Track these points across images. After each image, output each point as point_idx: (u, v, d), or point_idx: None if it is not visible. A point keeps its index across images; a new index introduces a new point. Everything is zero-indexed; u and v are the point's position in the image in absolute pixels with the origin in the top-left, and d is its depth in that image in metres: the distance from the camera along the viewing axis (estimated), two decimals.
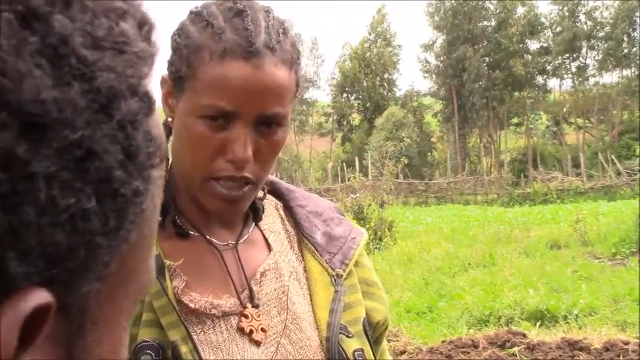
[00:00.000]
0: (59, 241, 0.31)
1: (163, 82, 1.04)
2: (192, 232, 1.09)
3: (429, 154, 47.41)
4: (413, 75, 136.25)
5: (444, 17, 47.70)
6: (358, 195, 12.92)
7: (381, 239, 12.03)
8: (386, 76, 51.55)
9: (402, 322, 7.04)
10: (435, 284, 8.81)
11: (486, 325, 6.84)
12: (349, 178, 19.04)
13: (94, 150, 0.32)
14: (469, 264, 10.22)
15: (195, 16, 1.01)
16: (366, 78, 50.31)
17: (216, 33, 0.98)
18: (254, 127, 1.00)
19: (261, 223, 1.15)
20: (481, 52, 45.91)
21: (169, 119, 1.04)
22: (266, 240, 1.14)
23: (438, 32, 49.38)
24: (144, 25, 0.37)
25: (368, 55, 50.58)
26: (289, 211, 1.19)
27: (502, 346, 5.84)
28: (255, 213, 1.14)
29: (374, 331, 1.17)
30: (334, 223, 1.19)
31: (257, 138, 1.01)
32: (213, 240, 1.09)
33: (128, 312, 0.39)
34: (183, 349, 0.99)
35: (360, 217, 12.23)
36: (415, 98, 51.45)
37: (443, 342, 6.14)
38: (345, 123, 51.55)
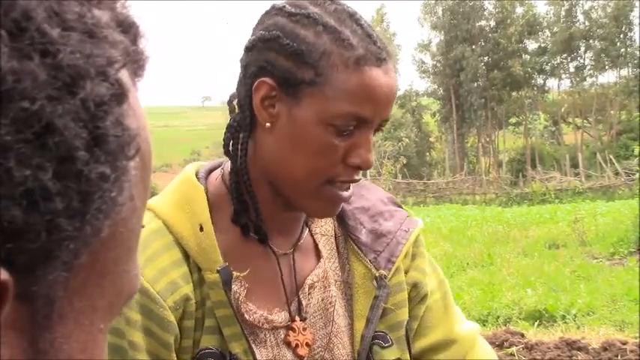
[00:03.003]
0: (15, 216, 0.30)
1: (260, 85, 0.98)
2: (252, 235, 1.06)
3: (428, 153, 47.40)
4: (411, 75, 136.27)
5: (442, 17, 47.69)
6: None
7: None
8: None
9: None
10: None
11: (484, 325, 6.83)
12: None
13: (54, 125, 0.31)
14: (467, 264, 10.21)
15: (303, 18, 0.97)
16: None
17: (343, 39, 0.95)
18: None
19: (314, 226, 1.13)
20: (479, 52, 45.91)
21: (267, 124, 0.99)
22: (316, 246, 1.12)
23: (435, 32, 49.40)
24: (127, 25, 0.37)
25: None
26: None
27: (500, 346, 5.84)
28: None
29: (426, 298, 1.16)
30: (383, 217, 1.14)
31: None
32: (274, 247, 1.07)
33: (105, 313, 0.38)
34: None
35: None
36: (414, 98, 51.44)
37: None
38: None
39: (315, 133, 0.97)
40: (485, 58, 46.75)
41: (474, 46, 46.43)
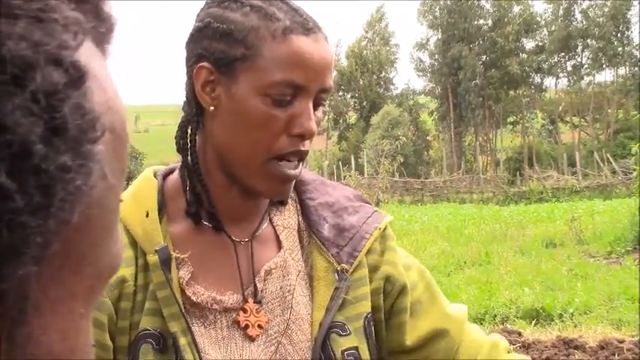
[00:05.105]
0: None
1: (199, 71, 1.02)
2: (206, 223, 1.08)
3: (425, 152, 47.43)
4: (409, 73, 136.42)
5: (439, 16, 47.71)
6: None
7: None
8: (382, 74, 51.54)
9: None
10: None
11: (482, 324, 6.83)
12: (345, 177, 19.03)
13: (4, 123, 0.29)
14: (465, 262, 10.21)
15: (232, 3, 1.01)
16: (363, 76, 50.28)
17: (269, 14, 0.99)
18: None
19: (276, 219, 1.14)
20: (477, 51, 45.94)
21: (211, 108, 1.02)
22: (277, 237, 1.13)
23: (432, 31, 49.41)
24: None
25: (365, 53, 50.56)
26: (300, 204, 1.17)
27: None
28: (281, 202, 1.14)
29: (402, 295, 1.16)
30: (347, 212, 1.15)
31: None
32: (231, 236, 1.09)
33: (85, 297, 0.36)
34: (182, 341, 1.00)
35: None
36: (411, 97, 51.44)
37: None
38: (341, 121, 51.50)
39: (253, 106, 0.99)
40: (483, 57, 46.80)
41: (471, 45, 46.46)
